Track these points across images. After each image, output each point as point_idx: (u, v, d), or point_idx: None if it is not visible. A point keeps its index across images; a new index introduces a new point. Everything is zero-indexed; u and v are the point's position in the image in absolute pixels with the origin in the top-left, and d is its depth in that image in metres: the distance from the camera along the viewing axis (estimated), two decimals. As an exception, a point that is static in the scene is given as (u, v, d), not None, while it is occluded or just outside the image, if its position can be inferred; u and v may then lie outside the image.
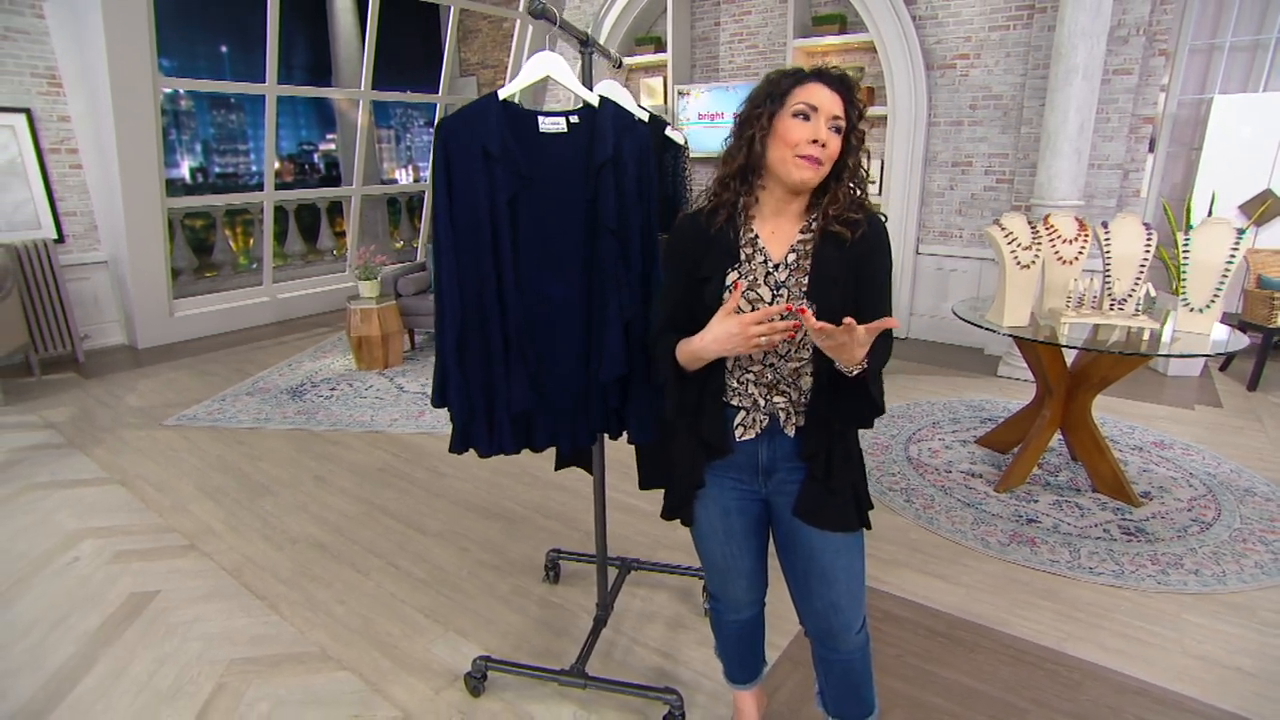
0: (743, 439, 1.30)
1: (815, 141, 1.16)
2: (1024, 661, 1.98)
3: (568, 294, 1.55)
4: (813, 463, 1.27)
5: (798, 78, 1.19)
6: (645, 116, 1.89)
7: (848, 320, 1.04)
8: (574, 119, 1.50)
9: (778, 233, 1.25)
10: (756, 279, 1.23)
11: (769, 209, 1.26)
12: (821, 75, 1.18)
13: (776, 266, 1.23)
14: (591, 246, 1.52)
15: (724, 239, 1.25)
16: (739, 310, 1.17)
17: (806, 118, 1.17)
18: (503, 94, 1.49)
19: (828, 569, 1.31)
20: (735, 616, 1.54)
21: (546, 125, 1.48)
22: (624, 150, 1.48)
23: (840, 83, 1.18)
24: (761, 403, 1.28)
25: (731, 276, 1.24)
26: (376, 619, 2.20)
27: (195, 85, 6.91)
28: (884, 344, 1.20)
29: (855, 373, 1.14)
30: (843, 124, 1.18)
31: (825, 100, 1.16)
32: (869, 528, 1.33)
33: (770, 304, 1.22)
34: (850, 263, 1.21)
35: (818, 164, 1.17)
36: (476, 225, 1.48)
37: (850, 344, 1.06)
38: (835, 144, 1.18)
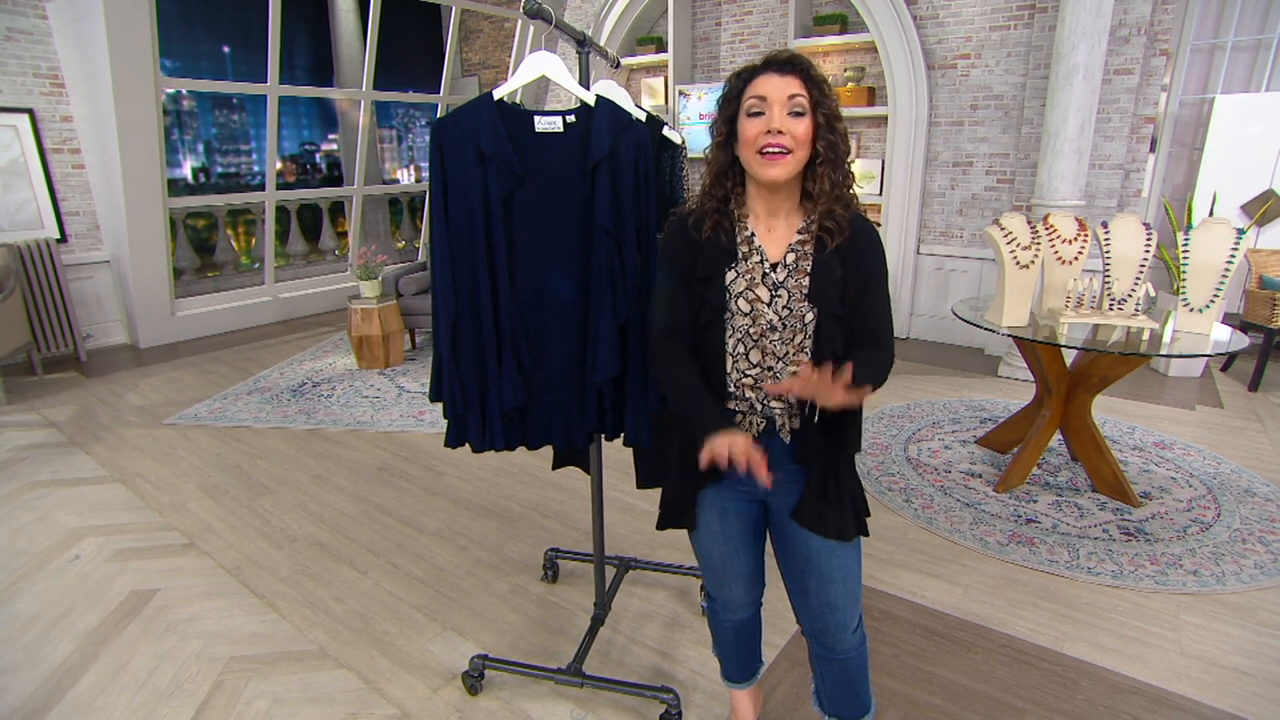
0: None
1: (770, 132, 1.14)
2: (1021, 661, 1.98)
3: (564, 293, 1.55)
4: (809, 468, 1.27)
5: (747, 75, 1.18)
6: (642, 116, 1.90)
7: (802, 372, 1.08)
8: (570, 118, 1.50)
9: (774, 231, 1.25)
10: (755, 278, 1.23)
11: (761, 208, 1.25)
12: (769, 64, 1.17)
13: (774, 266, 1.23)
14: (587, 246, 1.53)
15: (717, 240, 1.25)
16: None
17: (760, 112, 1.16)
18: (497, 94, 1.49)
19: (824, 569, 1.31)
20: (732, 616, 1.54)
21: (542, 125, 1.49)
22: (620, 149, 1.48)
23: (789, 65, 1.16)
24: (758, 406, 1.27)
25: (730, 276, 1.24)
26: (375, 617, 2.20)
27: (197, 85, 6.91)
28: (870, 367, 1.18)
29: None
30: (804, 103, 1.15)
31: (775, 88, 1.15)
32: (866, 534, 1.33)
33: (769, 304, 1.23)
34: (850, 265, 1.21)
35: (782, 154, 1.16)
36: (470, 223, 1.49)
37: (822, 388, 1.06)
38: (800, 126, 1.15)
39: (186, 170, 20.15)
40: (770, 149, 1.15)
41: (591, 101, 1.50)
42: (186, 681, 1.93)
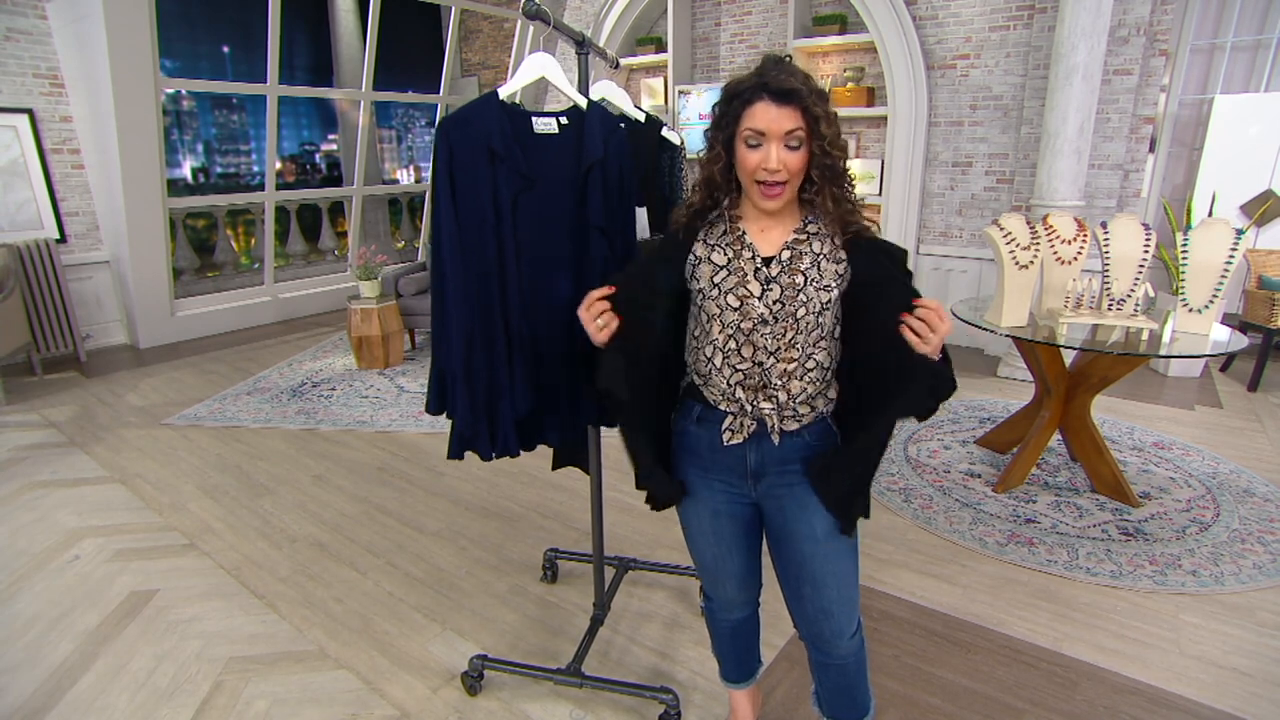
0: (730, 443, 1.30)
1: (767, 169, 1.15)
2: (1021, 661, 1.98)
3: (562, 293, 1.55)
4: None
5: (746, 97, 1.15)
6: (642, 117, 1.90)
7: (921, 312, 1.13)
8: (564, 120, 1.51)
9: (767, 231, 1.25)
10: (745, 274, 1.23)
11: (754, 212, 1.26)
12: (767, 89, 1.13)
13: (767, 261, 1.23)
14: (582, 245, 1.53)
15: (704, 241, 1.26)
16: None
17: (757, 144, 1.15)
18: (502, 93, 1.49)
19: (818, 574, 1.31)
20: (728, 616, 1.55)
21: (540, 126, 1.49)
22: (610, 151, 1.49)
23: (788, 96, 1.12)
24: (749, 408, 1.27)
25: (720, 275, 1.24)
26: (374, 618, 2.21)
27: (197, 85, 6.93)
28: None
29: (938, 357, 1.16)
30: (802, 135, 1.14)
31: (773, 121, 1.13)
32: (867, 516, 1.31)
33: (759, 298, 1.22)
34: (851, 268, 1.22)
35: (778, 188, 1.17)
36: (482, 225, 1.47)
37: (934, 331, 1.12)
38: (795, 160, 1.15)
39: (186, 170, 20.10)
40: (765, 184, 1.17)
41: (583, 104, 1.51)
42: (186, 682, 1.93)
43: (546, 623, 2.18)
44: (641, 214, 1.85)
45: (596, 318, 1.23)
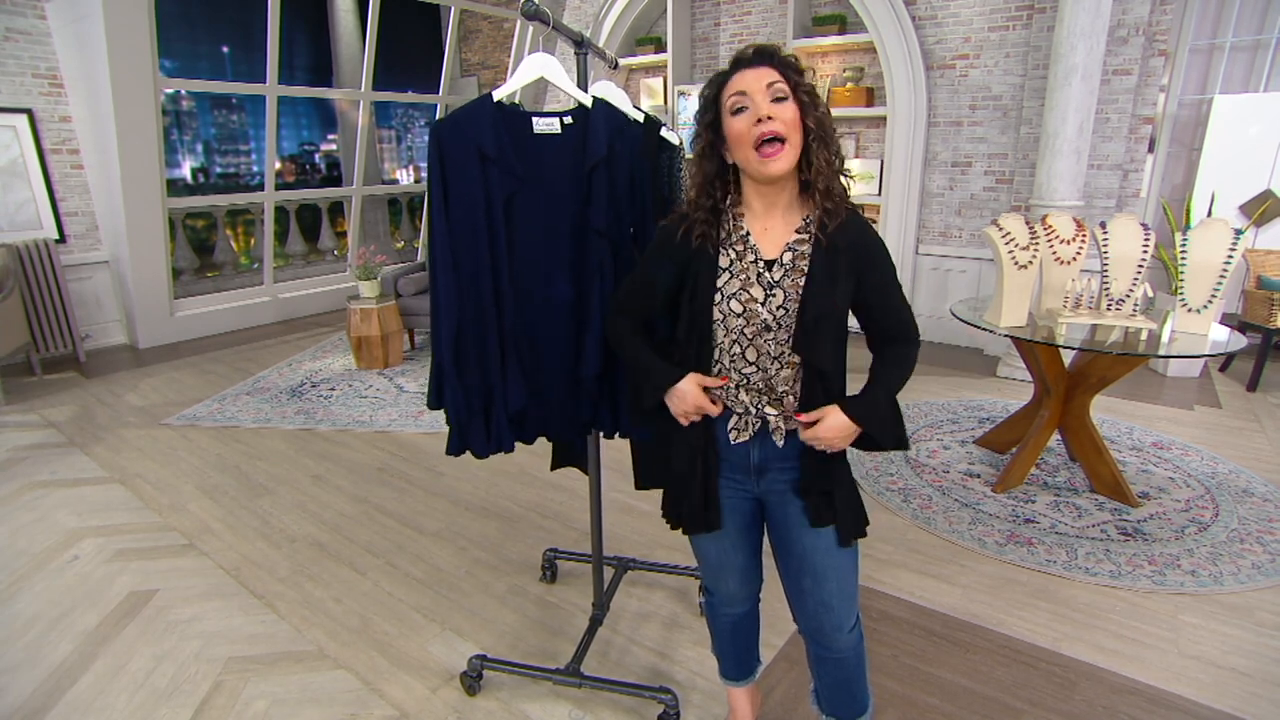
0: (737, 441, 1.31)
1: (760, 121, 1.13)
2: (1020, 661, 1.98)
3: (562, 294, 1.56)
4: (802, 467, 1.29)
5: (720, 79, 1.19)
6: (640, 117, 1.90)
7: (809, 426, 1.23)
8: (568, 120, 1.50)
9: (770, 230, 1.24)
10: (749, 278, 1.23)
11: (758, 204, 1.24)
12: (739, 62, 1.18)
13: (770, 265, 1.23)
14: (584, 247, 1.53)
15: (707, 244, 1.25)
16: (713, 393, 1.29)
17: (744, 108, 1.16)
18: (497, 95, 1.49)
19: (819, 568, 1.32)
20: (730, 611, 1.55)
21: (540, 126, 1.49)
22: (616, 151, 1.49)
23: (759, 57, 1.16)
24: (753, 410, 1.28)
25: (722, 278, 1.24)
26: (374, 618, 2.21)
27: (196, 86, 6.92)
28: (900, 368, 1.26)
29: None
30: (784, 88, 1.15)
31: (751, 80, 1.15)
32: (863, 535, 1.34)
33: (763, 304, 1.23)
34: (850, 264, 1.21)
35: (779, 146, 1.14)
36: (473, 226, 1.48)
37: (825, 439, 1.22)
38: (788, 110, 1.15)
39: (186, 170, 20.10)
40: (766, 139, 1.14)
41: (588, 103, 1.51)
42: (185, 682, 1.93)
43: (546, 623, 2.18)
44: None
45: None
